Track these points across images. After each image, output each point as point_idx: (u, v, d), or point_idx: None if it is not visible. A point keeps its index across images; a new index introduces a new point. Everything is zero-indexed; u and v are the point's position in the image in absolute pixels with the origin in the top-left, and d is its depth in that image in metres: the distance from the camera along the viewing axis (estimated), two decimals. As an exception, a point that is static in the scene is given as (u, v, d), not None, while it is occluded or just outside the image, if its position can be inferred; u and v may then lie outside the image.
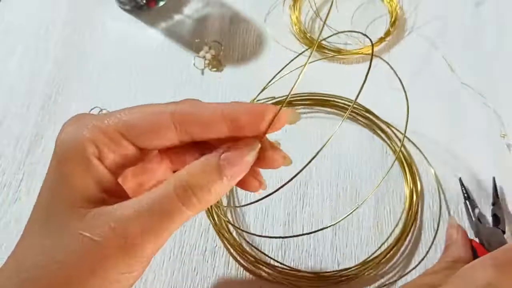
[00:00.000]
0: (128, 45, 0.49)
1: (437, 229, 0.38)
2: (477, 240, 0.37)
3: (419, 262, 0.37)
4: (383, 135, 0.43)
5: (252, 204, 0.38)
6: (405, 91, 0.35)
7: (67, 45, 0.49)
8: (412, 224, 0.38)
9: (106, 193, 0.22)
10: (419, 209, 0.39)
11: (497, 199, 0.38)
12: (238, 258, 0.37)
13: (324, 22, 0.22)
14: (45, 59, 0.48)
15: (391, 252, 0.37)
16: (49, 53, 0.48)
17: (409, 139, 0.42)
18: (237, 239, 0.38)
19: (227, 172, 0.21)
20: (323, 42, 0.48)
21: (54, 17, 0.50)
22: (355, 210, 0.32)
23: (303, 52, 0.33)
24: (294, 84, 0.22)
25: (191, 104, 0.22)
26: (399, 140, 0.42)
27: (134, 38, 0.49)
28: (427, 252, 0.37)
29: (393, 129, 0.43)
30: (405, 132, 0.37)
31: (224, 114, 0.22)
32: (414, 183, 0.40)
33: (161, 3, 0.51)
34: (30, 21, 0.50)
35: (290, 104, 0.45)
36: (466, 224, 0.39)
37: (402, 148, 0.42)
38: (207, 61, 0.47)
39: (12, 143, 0.43)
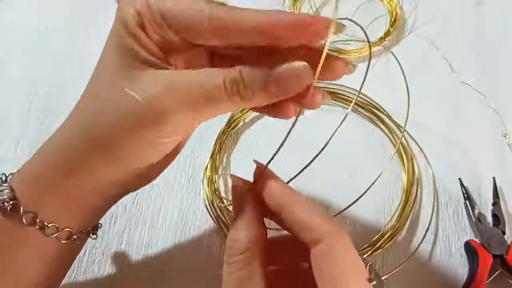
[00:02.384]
0: (128, 46, 0.49)
1: (431, 218, 0.39)
2: (477, 240, 0.37)
3: (414, 251, 0.37)
4: (384, 128, 0.43)
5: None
6: (406, 84, 0.35)
7: (67, 46, 0.49)
8: (409, 215, 0.39)
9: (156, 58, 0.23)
10: (417, 200, 0.40)
11: (497, 199, 0.38)
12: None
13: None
14: (45, 59, 0.48)
15: (388, 242, 0.37)
16: (50, 53, 0.48)
17: (409, 134, 0.43)
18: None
19: (273, 90, 0.22)
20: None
21: (54, 17, 0.51)
22: (357, 200, 0.32)
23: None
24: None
25: (228, 11, 0.22)
26: (398, 137, 0.42)
27: (134, 39, 0.49)
28: (421, 241, 0.38)
29: (394, 124, 0.43)
30: (405, 125, 0.37)
31: (259, 28, 0.21)
32: (413, 175, 0.40)
33: (161, 4, 0.51)
34: (30, 21, 0.50)
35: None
36: (466, 224, 0.39)
37: (403, 143, 0.42)
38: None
39: (13, 144, 0.43)
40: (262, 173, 0.24)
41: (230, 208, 0.39)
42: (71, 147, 0.24)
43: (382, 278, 0.35)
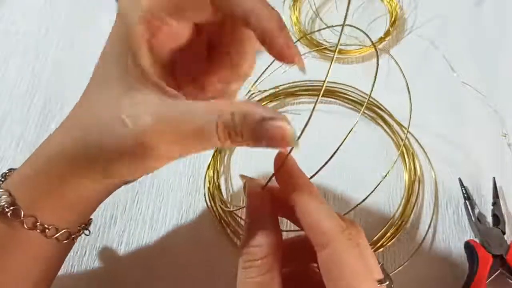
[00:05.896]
0: (128, 46, 0.49)
1: (431, 218, 0.39)
2: (477, 240, 0.37)
3: (415, 251, 0.37)
4: (386, 127, 0.43)
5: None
6: (408, 87, 0.35)
7: (67, 46, 0.49)
8: (411, 213, 0.39)
9: (157, 73, 0.23)
10: (418, 199, 0.40)
11: (497, 199, 0.38)
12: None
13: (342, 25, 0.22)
14: (45, 60, 0.48)
15: (389, 241, 0.37)
16: (49, 54, 0.48)
17: (411, 133, 0.42)
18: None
19: (263, 142, 0.21)
20: (323, 42, 0.48)
21: (54, 18, 0.51)
22: (361, 202, 0.33)
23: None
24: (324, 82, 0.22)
25: None
26: (400, 135, 0.42)
27: (134, 39, 0.49)
28: (422, 241, 0.38)
29: (396, 123, 0.43)
30: (408, 126, 0.37)
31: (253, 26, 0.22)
32: (415, 174, 0.40)
33: (161, 4, 0.51)
34: (30, 22, 0.50)
35: (294, 94, 0.45)
36: (466, 224, 0.39)
37: (405, 142, 0.42)
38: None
39: (13, 144, 0.43)
40: (283, 161, 0.24)
41: (238, 212, 0.39)
42: (63, 156, 0.25)
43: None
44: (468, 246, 0.36)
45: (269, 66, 0.41)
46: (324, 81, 0.22)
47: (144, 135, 0.22)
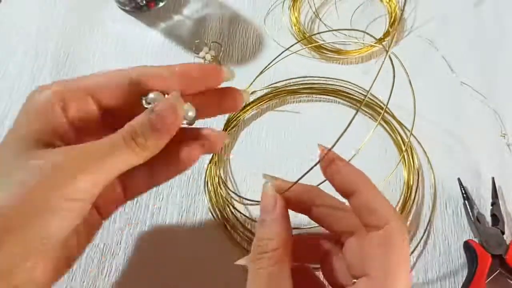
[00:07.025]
0: (128, 46, 0.49)
1: (430, 218, 0.39)
2: (476, 240, 0.37)
3: (413, 251, 0.37)
4: (386, 127, 0.43)
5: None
6: (412, 88, 0.35)
7: (67, 46, 0.49)
8: (409, 213, 0.39)
9: (60, 140, 0.25)
10: (417, 198, 0.40)
11: (496, 199, 0.38)
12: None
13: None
14: (45, 60, 0.48)
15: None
16: (49, 53, 0.48)
17: (414, 136, 0.42)
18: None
19: (159, 125, 0.24)
20: (323, 42, 0.48)
21: (54, 17, 0.51)
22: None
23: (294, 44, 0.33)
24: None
25: (145, 66, 0.27)
26: (401, 137, 0.42)
27: (134, 39, 0.49)
28: (420, 241, 0.38)
29: (396, 122, 0.43)
30: (412, 129, 0.37)
31: (178, 73, 0.27)
32: (413, 173, 0.40)
33: (161, 4, 0.51)
34: (30, 21, 0.50)
35: (294, 92, 0.45)
36: (465, 224, 0.39)
37: (405, 141, 0.42)
38: (206, 62, 0.47)
39: (13, 144, 0.43)
40: (329, 156, 0.26)
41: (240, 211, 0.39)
42: None
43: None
44: (467, 246, 0.37)
45: (266, 66, 0.42)
46: (367, 93, 0.23)
47: (60, 166, 0.23)
